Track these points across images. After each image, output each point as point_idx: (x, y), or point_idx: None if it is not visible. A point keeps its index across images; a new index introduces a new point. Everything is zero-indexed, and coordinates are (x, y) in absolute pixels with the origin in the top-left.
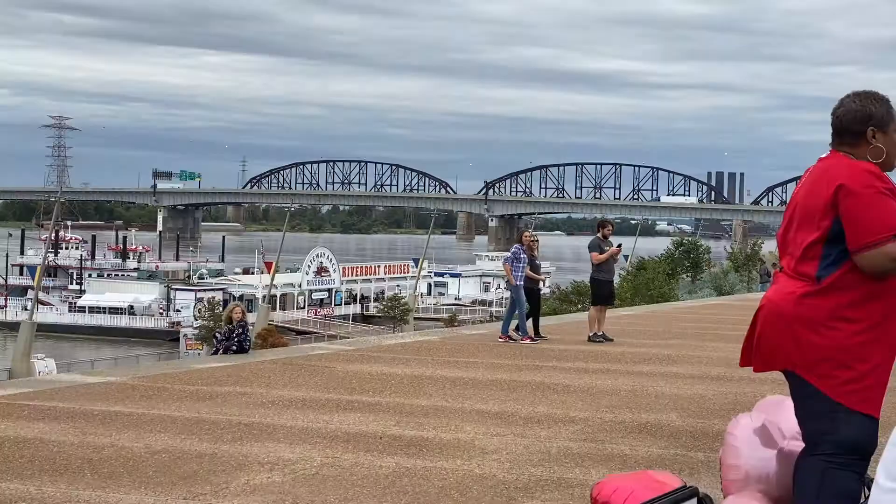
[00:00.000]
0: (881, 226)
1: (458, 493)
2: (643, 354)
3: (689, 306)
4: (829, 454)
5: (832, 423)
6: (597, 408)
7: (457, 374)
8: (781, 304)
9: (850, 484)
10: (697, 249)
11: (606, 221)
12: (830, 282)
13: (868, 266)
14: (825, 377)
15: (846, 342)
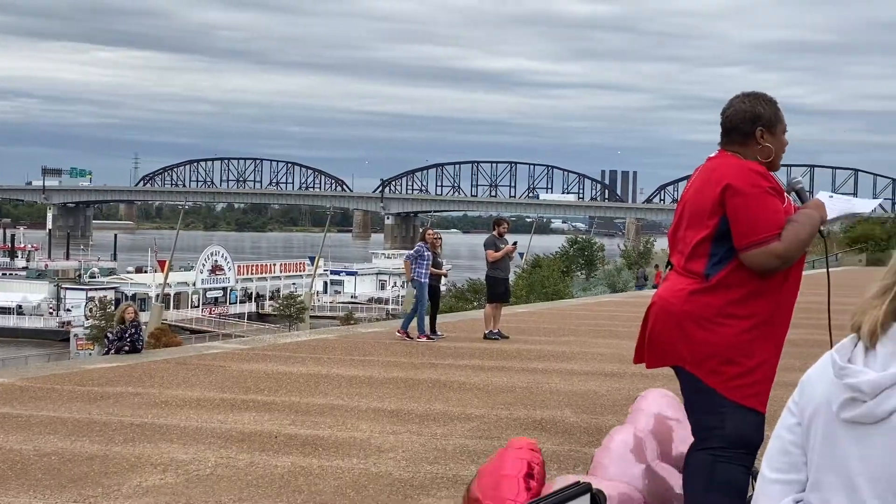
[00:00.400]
0: (766, 224)
1: (353, 491)
2: (538, 351)
3: (583, 303)
4: (717, 448)
5: (720, 417)
6: (492, 405)
7: (353, 373)
8: (671, 301)
9: (738, 477)
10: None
11: (502, 219)
12: (718, 279)
13: (754, 264)
14: (713, 373)
15: (734, 339)
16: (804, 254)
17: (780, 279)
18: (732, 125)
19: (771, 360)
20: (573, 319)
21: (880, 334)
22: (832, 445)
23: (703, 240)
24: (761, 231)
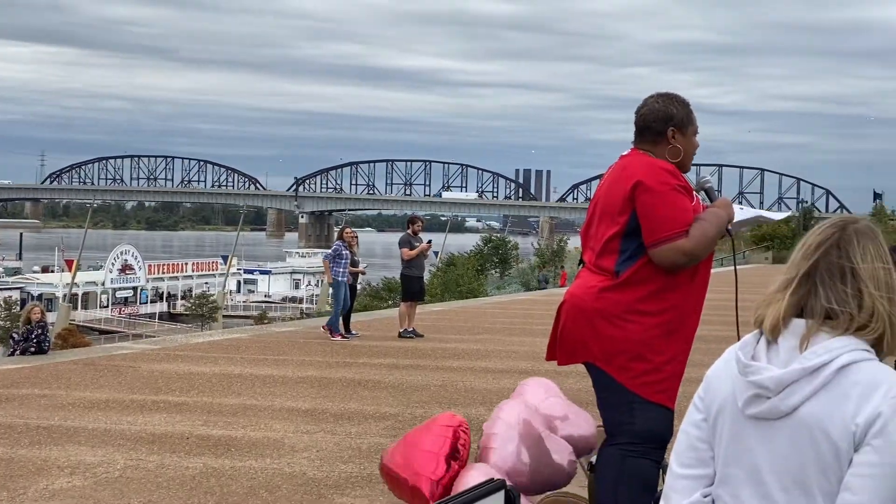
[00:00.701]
0: (674, 222)
1: (266, 492)
2: (453, 350)
3: (497, 302)
4: (627, 444)
5: (630, 413)
6: (407, 403)
7: (266, 372)
8: (582, 297)
9: (648, 472)
10: (506, 246)
11: (416, 218)
12: (628, 276)
13: (661, 260)
14: (623, 369)
15: (643, 335)
16: (712, 251)
17: (688, 276)
18: (645, 124)
19: (680, 356)
20: (488, 318)
21: (782, 328)
22: (738, 440)
23: (614, 236)
24: (669, 228)
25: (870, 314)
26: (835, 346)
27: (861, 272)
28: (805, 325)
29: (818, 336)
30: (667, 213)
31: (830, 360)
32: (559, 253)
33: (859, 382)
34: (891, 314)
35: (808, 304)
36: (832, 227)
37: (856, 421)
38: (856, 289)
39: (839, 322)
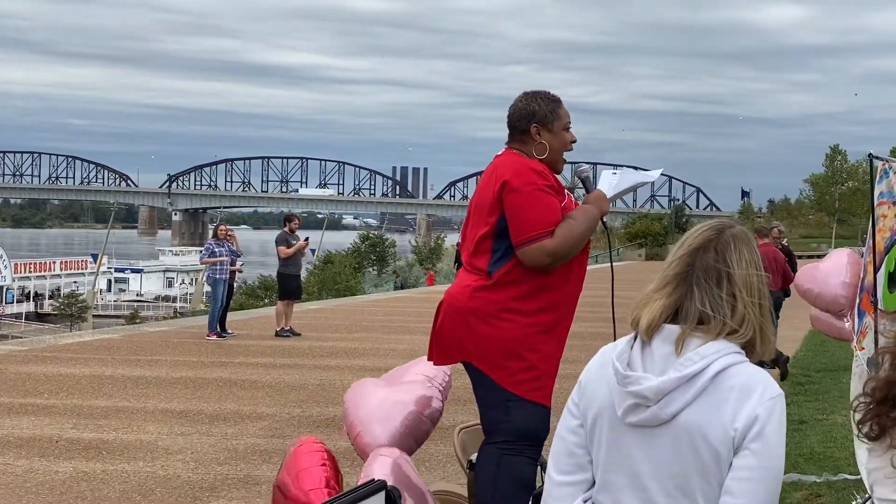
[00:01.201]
0: (539, 222)
1: (139, 495)
2: (330, 348)
3: (375, 299)
4: (504, 442)
5: (506, 412)
6: (284, 403)
7: (139, 373)
8: (458, 297)
9: (525, 469)
10: (383, 243)
11: (293, 215)
12: (500, 275)
13: (528, 261)
14: (498, 368)
15: (517, 333)
16: (587, 249)
17: (563, 274)
18: (511, 123)
19: (554, 354)
20: (366, 315)
21: (657, 331)
22: (618, 447)
23: (485, 236)
24: (534, 228)
25: (741, 319)
26: (709, 353)
27: (736, 277)
28: (678, 331)
29: (692, 342)
30: (532, 214)
31: (706, 366)
32: (436, 250)
33: (735, 387)
34: (761, 321)
35: (683, 306)
36: (710, 231)
37: (734, 426)
38: (730, 293)
39: (712, 326)
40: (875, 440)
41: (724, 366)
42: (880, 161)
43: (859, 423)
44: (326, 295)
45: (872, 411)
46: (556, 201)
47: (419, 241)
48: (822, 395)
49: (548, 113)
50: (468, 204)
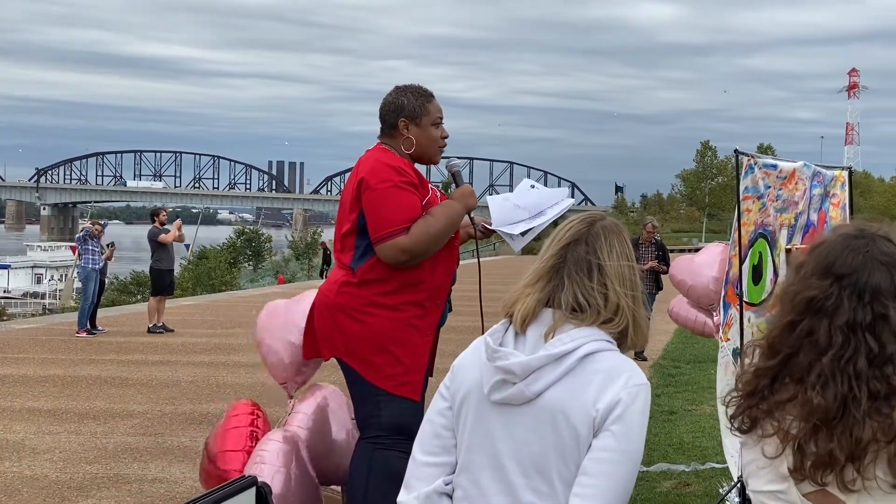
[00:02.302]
0: (394, 219)
1: (5, 496)
2: (204, 344)
3: (250, 295)
4: (375, 436)
5: (376, 406)
6: (156, 400)
7: (5, 371)
8: (327, 293)
9: (397, 463)
10: (259, 238)
11: (159, 209)
12: (364, 271)
13: (385, 258)
14: (366, 363)
15: (384, 328)
16: (454, 242)
17: (430, 267)
18: (381, 117)
19: (423, 347)
20: (241, 311)
21: (531, 320)
22: (482, 427)
23: (348, 233)
24: (389, 226)
25: (615, 309)
26: (580, 336)
27: (607, 269)
28: (552, 316)
29: (564, 326)
30: (387, 211)
31: (575, 347)
32: (313, 245)
33: (601, 370)
34: (634, 311)
35: (555, 298)
36: (580, 223)
37: (596, 406)
38: (602, 284)
39: (586, 315)
40: (747, 433)
41: (594, 350)
42: (746, 157)
43: (732, 417)
44: (201, 291)
45: (743, 404)
46: (414, 198)
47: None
48: (690, 386)
49: (417, 107)
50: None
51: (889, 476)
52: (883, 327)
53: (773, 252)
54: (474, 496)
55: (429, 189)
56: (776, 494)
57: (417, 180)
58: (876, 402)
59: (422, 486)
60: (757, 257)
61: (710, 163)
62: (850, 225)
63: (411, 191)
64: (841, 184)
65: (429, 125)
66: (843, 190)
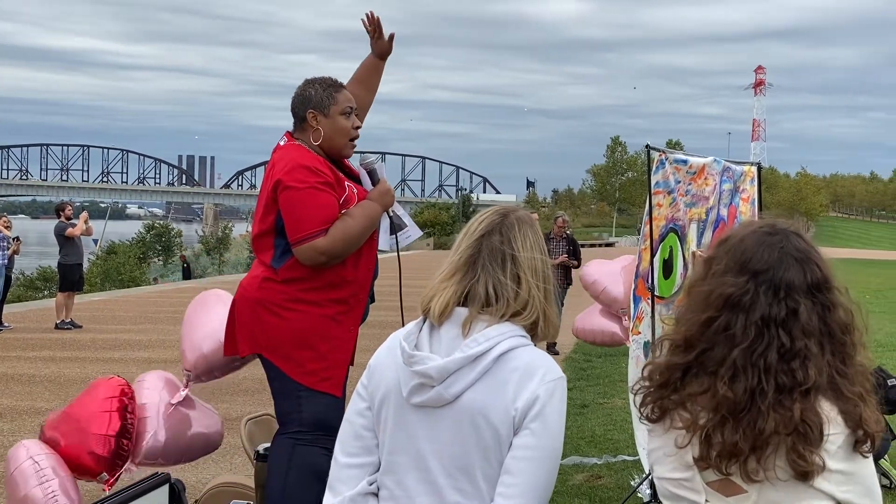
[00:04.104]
0: (311, 221)
1: None
2: (114, 340)
3: (160, 290)
4: (296, 432)
5: (297, 402)
6: (65, 397)
7: None
8: (248, 288)
9: (318, 460)
10: (169, 233)
11: (65, 204)
12: (285, 270)
13: (303, 260)
14: (287, 359)
15: (306, 323)
16: (374, 237)
17: (352, 265)
18: (292, 110)
19: (344, 344)
20: (151, 307)
21: (448, 315)
22: (403, 428)
23: (266, 233)
24: (306, 228)
25: (526, 302)
26: (494, 334)
27: (521, 260)
28: (466, 314)
29: (478, 324)
30: (304, 213)
31: (490, 347)
32: (224, 240)
33: (517, 368)
34: (545, 303)
35: (471, 290)
36: (494, 215)
37: (515, 405)
38: (515, 275)
39: (497, 309)
40: (656, 422)
41: (508, 348)
42: (657, 152)
43: (640, 405)
44: (110, 286)
45: (654, 395)
46: (331, 198)
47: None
48: (602, 379)
49: (324, 98)
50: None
51: (788, 468)
52: (794, 322)
53: (683, 246)
54: (400, 497)
55: (345, 187)
56: (680, 482)
57: (334, 179)
58: (780, 396)
59: (346, 489)
60: (667, 251)
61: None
62: (761, 222)
63: (328, 191)
64: (750, 179)
65: (337, 115)
66: (752, 185)
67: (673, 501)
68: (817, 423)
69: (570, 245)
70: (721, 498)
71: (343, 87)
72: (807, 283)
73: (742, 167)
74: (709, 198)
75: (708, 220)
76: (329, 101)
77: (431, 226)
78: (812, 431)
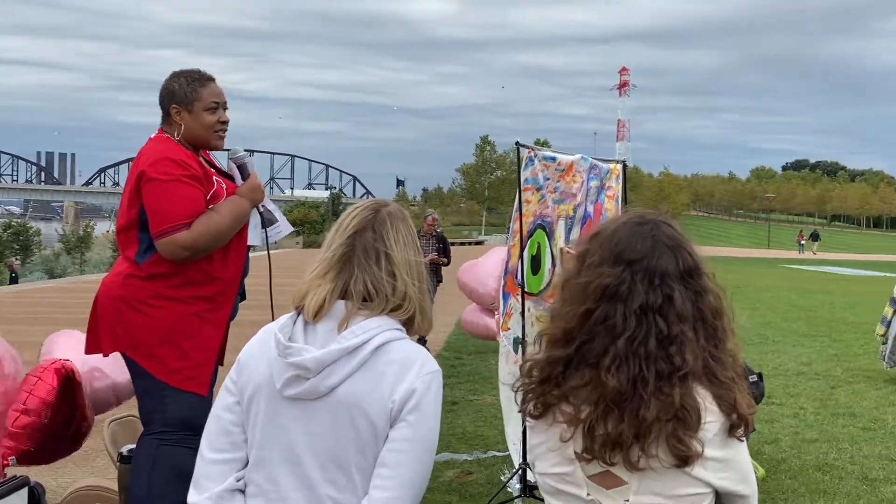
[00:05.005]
0: (174, 215)
1: None
2: None
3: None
4: (161, 432)
5: (161, 401)
6: None
7: None
8: (110, 285)
9: (183, 460)
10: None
11: None
12: (149, 265)
13: (165, 254)
14: (151, 357)
15: (171, 321)
16: (243, 233)
17: (220, 261)
18: (159, 104)
19: (212, 341)
20: (8, 307)
21: (326, 311)
22: (275, 422)
23: (130, 227)
24: (169, 221)
25: (403, 296)
26: (371, 327)
27: (395, 257)
28: (344, 308)
29: (356, 318)
30: (167, 206)
31: (367, 339)
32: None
33: (394, 361)
34: (420, 298)
35: (347, 288)
36: (365, 210)
37: (392, 398)
38: (390, 272)
39: (375, 304)
40: (538, 418)
41: (386, 340)
42: (527, 149)
43: (522, 403)
44: None
45: (536, 391)
46: (196, 192)
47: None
48: (472, 376)
49: (188, 93)
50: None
51: (668, 454)
52: (670, 309)
53: (551, 243)
54: (269, 492)
55: (214, 182)
56: (562, 476)
57: (201, 173)
58: (660, 382)
59: (213, 486)
60: (535, 248)
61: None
62: (630, 213)
63: (194, 185)
64: (616, 177)
65: (201, 111)
66: (617, 183)
67: (555, 497)
68: (695, 407)
69: (441, 243)
70: (602, 491)
71: (210, 81)
72: (679, 270)
73: (608, 165)
74: (576, 195)
75: (576, 216)
76: (193, 96)
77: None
78: (691, 416)
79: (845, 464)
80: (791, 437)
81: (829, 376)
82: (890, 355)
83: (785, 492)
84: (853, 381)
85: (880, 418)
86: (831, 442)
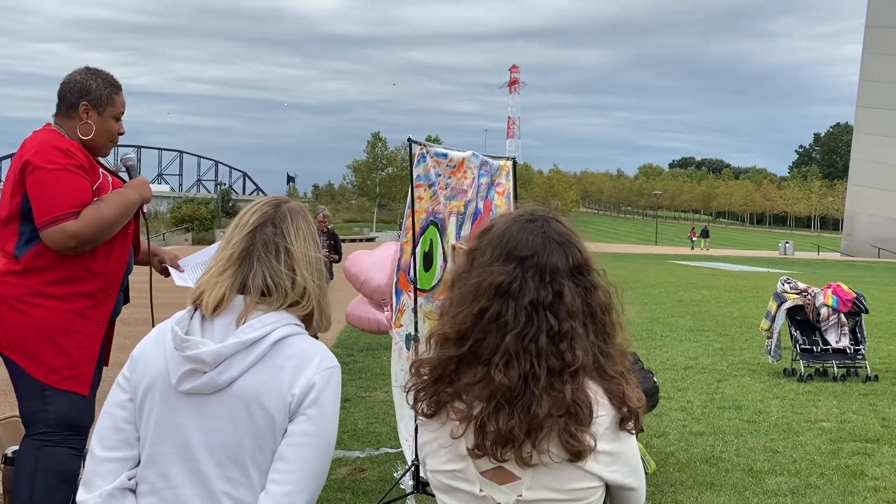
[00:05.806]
0: (63, 203)
1: None
2: None
3: None
4: (42, 433)
5: (42, 402)
6: None
7: None
8: None
9: (66, 460)
10: None
11: None
12: (29, 259)
13: (51, 243)
14: (30, 357)
15: (50, 319)
16: (128, 230)
17: (102, 257)
18: (62, 94)
19: (91, 340)
20: None
21: (224, 306)
22: (169, 418)
23: (10, 218)
24: (56, 209)
25: (302, 292)
26: (270, 321)
27: (295, 252)
28: (243, 302)
29: (254, 312)
30: (55, 194)
31: (266, 333)
32: None
33: (293, 355)
34: (319, 295)
35: (246, 281)
36: (267, 206)
37: (291, 392)
38: (289, 267)
39: (274, 299)
40: (431, 417)
41: (285, 335)
42: (419, 146)
43: (415, 402)
44: None
45: (429, 390)
46: (84, 182)
47: None
48: (364, 373)
49: (105, 96)
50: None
51: (560, 450)
52: (560, 305)
53: (443, 239)
54: (162, 489)
55: (99, 174)
56: (454, 473)
57: (87, 164)
58: (552, 378)
59: (103, 484)
60: (427, 244)
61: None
62: (520, 210)
63: (81, 174)
64: (506, 174)
65: (110, 117)
66: (507, 179)
67: (447, 493)
68: (587, 402)
69: (332, 240)
70: (495, 486)
71: (121, 90)
72: (569, 266)
73: (499, 161)
74: (467, 191)
75: (467, 212)
76: (107, 100)
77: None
78: (582, 411)
79: (731, 456)
80: (679, 430)
81: (716, 370)
82: (775, 349)
83: (673, 484)
84: (738, 374)
85: (764, 411)
86: (718, 435)
